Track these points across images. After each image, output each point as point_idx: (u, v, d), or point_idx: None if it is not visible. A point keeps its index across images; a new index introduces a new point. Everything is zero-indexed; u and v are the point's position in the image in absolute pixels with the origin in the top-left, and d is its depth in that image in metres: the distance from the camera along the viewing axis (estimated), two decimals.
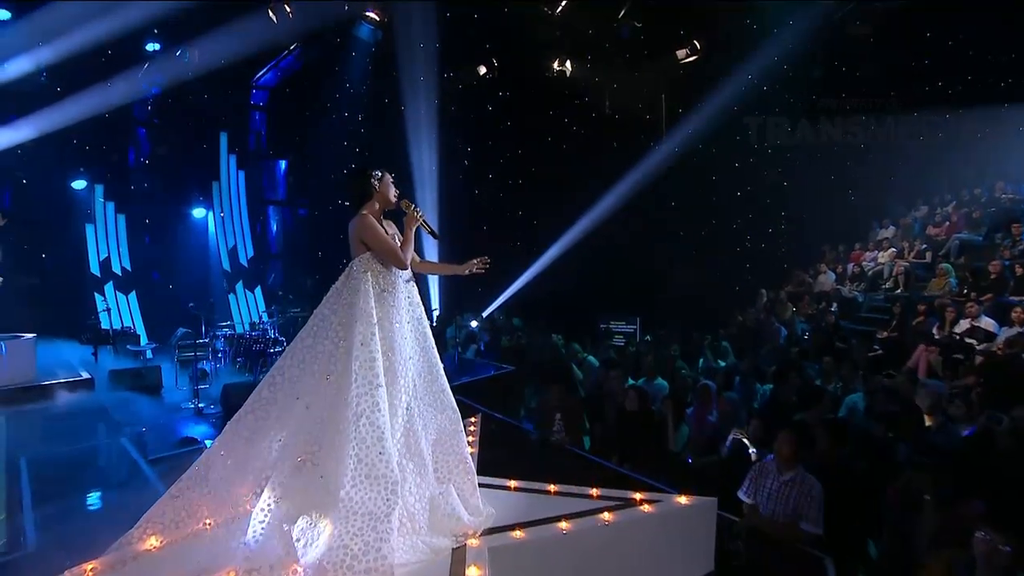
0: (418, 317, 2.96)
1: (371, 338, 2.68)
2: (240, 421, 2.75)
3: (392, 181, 2.96)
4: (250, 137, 12.11)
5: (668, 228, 11.78)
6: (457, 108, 12.32)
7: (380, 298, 2.75)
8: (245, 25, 9.11)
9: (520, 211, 12.78)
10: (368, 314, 2.66)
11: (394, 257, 2.75)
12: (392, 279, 2.80)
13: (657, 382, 6.14)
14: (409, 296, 2.93)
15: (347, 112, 12.25)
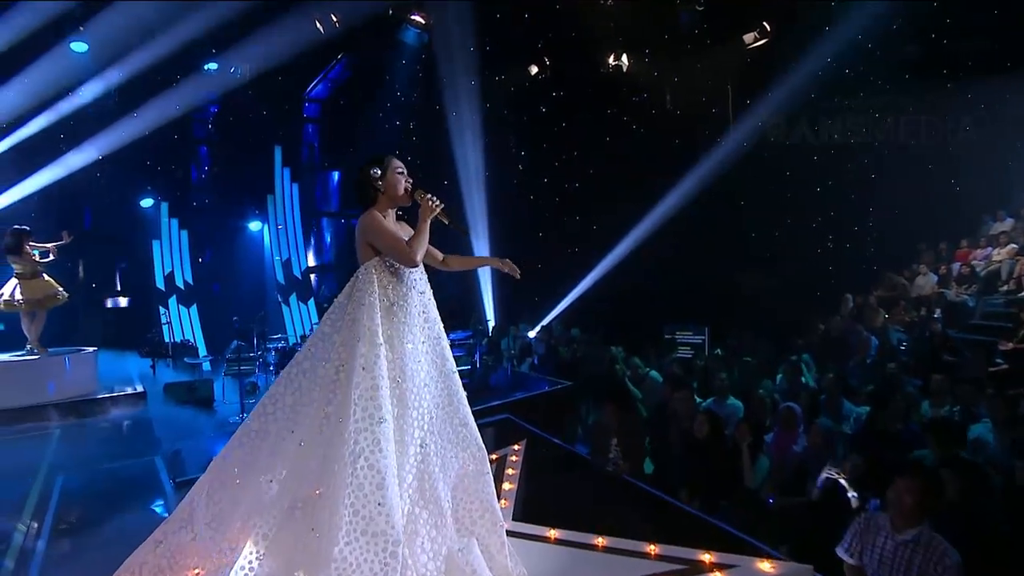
0: (435, 336, 2.52)
1: (375, 361, 2.27)
2: (228, 456, 2.39)
3: (402, 170, 2.53)
4: (303, 150, 12.31)
5: (738, 229, 10.81)
6: (509, 111, 11.97)
7: (389, 313, 2.37)
8: (293, 38, 9.16)
9: (578, 216, 12.22)
10: (373, 332, 2.28)
11: (402, 253, 2.35)
12: (404, 290, 2.42)
13: (730, 402, 5.38)
14: (425, 311, 2.50)
15: (398, 120, 12.19)
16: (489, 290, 11.80)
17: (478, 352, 8.61)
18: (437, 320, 2.56)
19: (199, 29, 8.55)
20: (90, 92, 9.09)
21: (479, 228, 10.99)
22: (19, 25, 8.10)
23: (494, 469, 3.88)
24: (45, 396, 6.32)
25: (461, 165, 11.33)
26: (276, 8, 8.62)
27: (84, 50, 8.87)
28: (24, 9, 7.99)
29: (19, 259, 6.68)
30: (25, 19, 8.08)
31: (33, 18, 8.12)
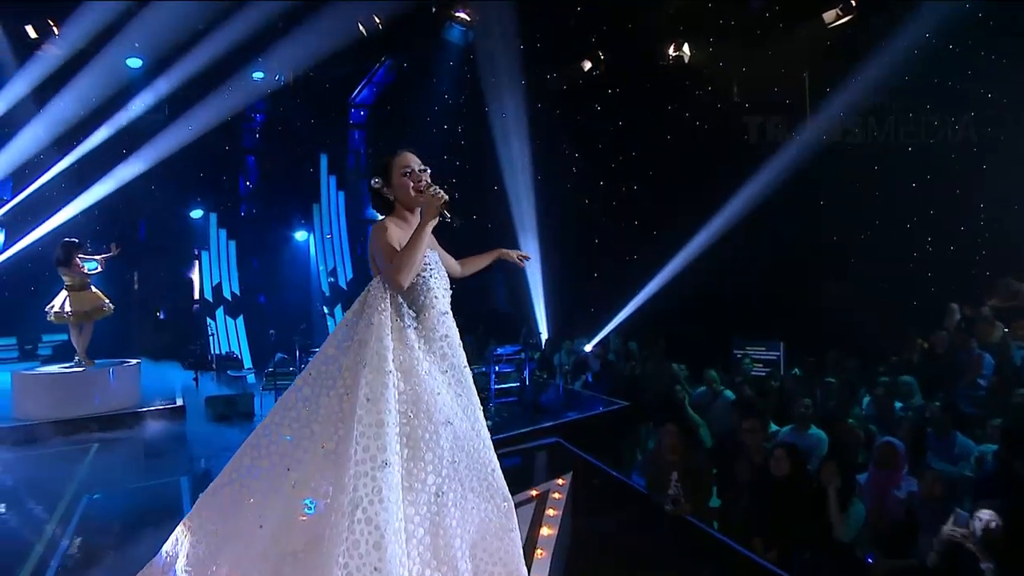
0: (459, 365, 2.26)
1: (382, 392, 2.00)
2: (216, 494, 2.17)
3: (409, 168, 2.29)
4: (349, 157, 12.48)
5: (816, 231, 9.95)
6: (562, 110, 11.64)
7: (402, 336, 2.14)
8: (336, 42, 9.25)
9: (636, 220, 11.69)
10: (381, 357, 2.05)
11: (387, 272, 2.08)
12: (421, 309, 2.19)
13: (812, 433, 4.78)
14: (447, 335, 2.26)
15: (445, 124, 12.13)
16: (541, 300, 11.48)
17: (527, 368, 8.24)
18: (459, 345, 2.29)
19: (244, 37, 8.76)
20: (142, 105, 9.49)
21: (528, 236, 10.70)
22: (78, 44, 8.55)
23: (533, 509, 3.55)
24: (88, 409, 6.52)
25: (510, 169, 11.13)
26: (317, 11, 8.69)
27: (139, 66, 9.29)
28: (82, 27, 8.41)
29: (69, 271, 6.96)
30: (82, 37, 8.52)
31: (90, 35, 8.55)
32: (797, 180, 9.65)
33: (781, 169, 9.83)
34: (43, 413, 6.41)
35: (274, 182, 11.57)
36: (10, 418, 6.42)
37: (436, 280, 2.24)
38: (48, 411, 6.42)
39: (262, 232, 11.55)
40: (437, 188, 2.18)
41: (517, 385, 8.15)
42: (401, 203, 2.29)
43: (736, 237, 9.93)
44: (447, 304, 2.28)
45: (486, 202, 11.65)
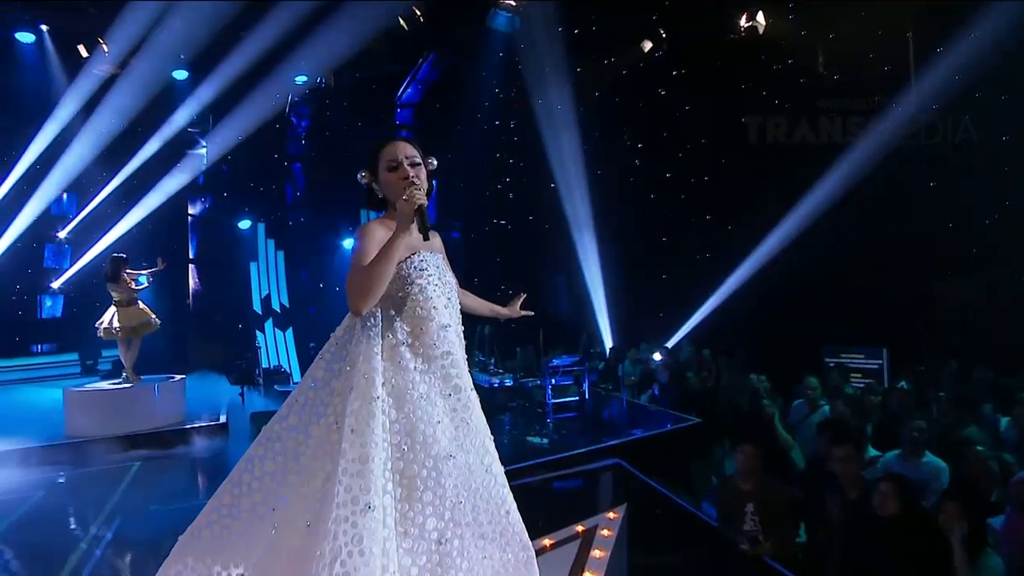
0: (464, 387, 2.03)
1: (368, 421, 1.81)
2: (195, 536, 2.03)
3: (396, 161, 2.04)
4: None
5: (925, 221, 9.00)
6: (621, 97, 11.24)
7: (394, 354, 1.93)
8: (377, 39, 9.33)
9: (709, 214, 11.11)
10: (369, 381, 1.86)
11: (346, 288, 1.85)
12: (418, 323, 1.96)
13: (926, 462, 4.18)
14: (449, 352, 2.00)
15: (496, 119, 12.03)
16: (603, 305, 11.09)
17: (587, 380, 7.94)
18: (463, 365, 2.05)
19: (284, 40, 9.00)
20: (189, 116, 9.95)
21: (585, 235, 10.39)
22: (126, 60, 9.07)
23: (577, 548, 3.26)
24: (134, 426, 6.78)
25: (565, 164, 10.84)
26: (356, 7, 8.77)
27: (184, 77, 9.75)
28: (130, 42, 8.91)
29: (117, 286, 7.29)
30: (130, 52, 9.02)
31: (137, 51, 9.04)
32: (899, 161, 8.79)
33: (879, 148, 8.97)
34: (92, 430, 6.71)
35: (321, 189, 11.77)
36: (62, 435, 6.76)
37: (437, 288, 2.02)
38: (97, 428, 6.72)
39: (310, 241, 11.77)
40: (415, 189, 1.93)
41: (576, 399, 7.90)
42: (391, 201, 2.08)
43: (828, 227, 9.13)
44: (451, 316, 2.05)
45: (541, 201, 11.43)
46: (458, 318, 2.09)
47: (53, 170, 9.50)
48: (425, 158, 2.10)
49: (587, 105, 11.04)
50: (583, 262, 10.90)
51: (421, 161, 2.08)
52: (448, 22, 9.83)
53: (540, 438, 6.98)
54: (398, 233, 1.87)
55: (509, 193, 12.49)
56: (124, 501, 5.01)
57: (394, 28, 9.45)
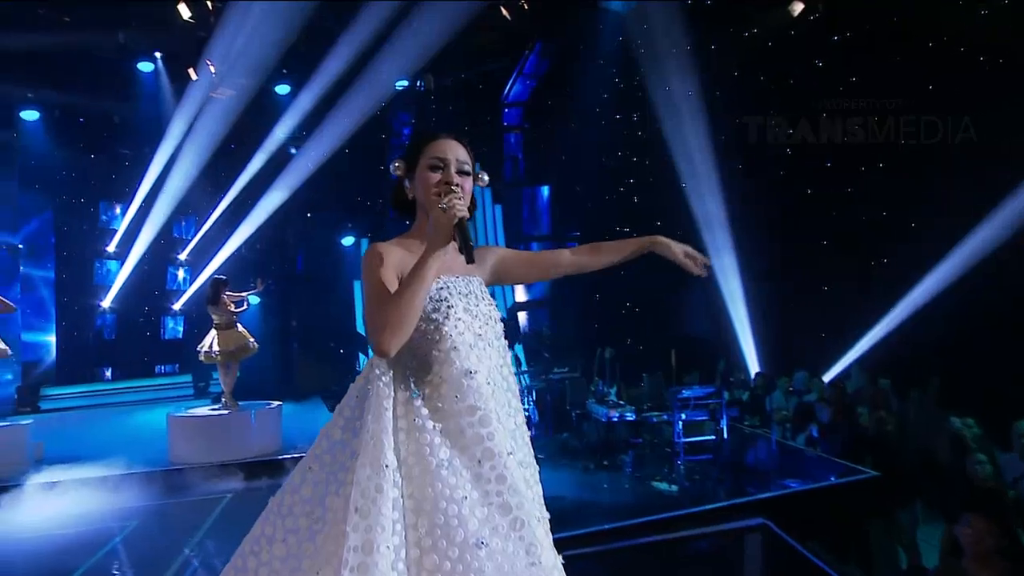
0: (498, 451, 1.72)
1: (374, 500, 1.59)
2: None
3: (441, 160, 1.85)
4: (505, 164, 12.50)
5: None
6: (766, 74, 10.29)
7: (409, 412, 1.73)
8: (479, 35, 9.29)
9: (885, 210, 9.81)
10: (377, 444, 1.66)
11: (366, 329, 1.71)
12: (438, 369, 1.76)
13: None
14: (476, 406, 1.73)
15: (617, 113, 11.57)
16: (746, 324, 10.14)
17: (725, 416, 7.19)
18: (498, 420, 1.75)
19: (382, 44, 9.24)
20: (292, 131, 10.55)
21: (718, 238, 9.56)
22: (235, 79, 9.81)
23: None
24: (230, 454, 7.07)
25: (699, 158, 10.15)
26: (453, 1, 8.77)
27: (287, 91, 10.37)
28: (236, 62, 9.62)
29: (216, 308, 7.74)
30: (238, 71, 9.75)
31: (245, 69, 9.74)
32: None
33: None
34: (192, 457, 7.11)
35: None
36: (165, 461, 7.22)
37: (461, 322, 1.79)
38: (196, 455, 7.11)
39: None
40: (454, 196, 1.71)
41: (712, 438, 7.30)
42: (421, 207, 1.88)
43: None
44: (482, 359, 1.79)
45: (670, 203, 10.75)
46: (499, 359, 1.85)
47: (170, 193, 10.47)
48: (476, 170, 1.92)
49: (723, 87, 10.28)
50: (720, 273, 10.09)
51: (471, 171, 1.89)
52: (555, 5, 9.55)
53: (668, 484, 6.53)
54: (431, 250, 1.66)
55: (633, 196, 12.01)
56: (210, 537, 5.12)
57: (496, 19, 9.35)
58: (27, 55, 9.12)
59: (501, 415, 1.78)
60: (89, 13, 8.90)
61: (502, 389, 1.83)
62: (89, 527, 5.72)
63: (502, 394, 1.82)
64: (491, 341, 1.83)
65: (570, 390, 9.23)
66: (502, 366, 1.86)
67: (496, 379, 1.81)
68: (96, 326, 11.65)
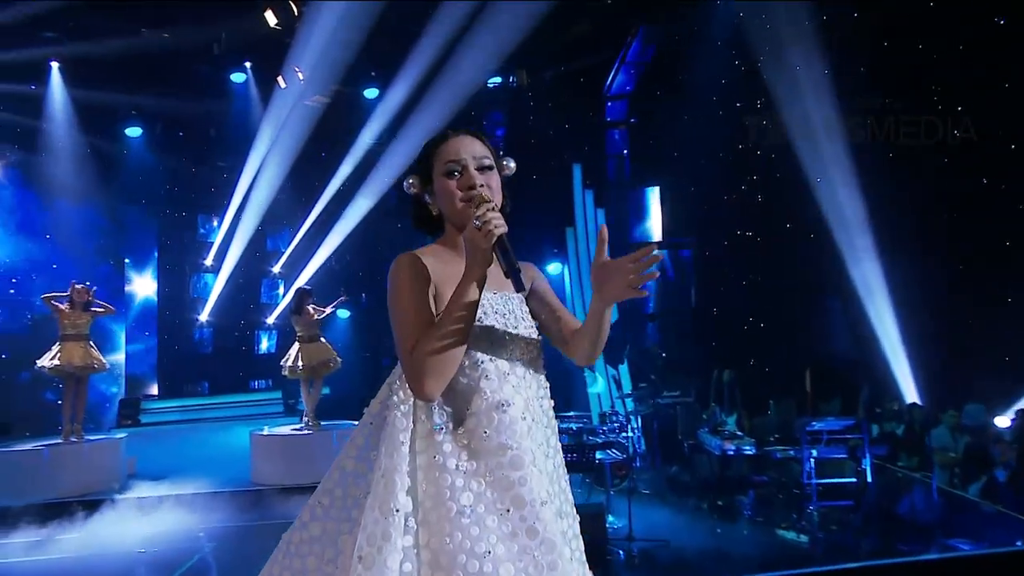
0: (531, 499, 1.63)
1: (380, 549, 1.55)
2: None
3: (459, 164, 1.77)
4: (609, 164, 12.18)
5: None
6: (927, 44, 9.35)
7: (430, 448, 1.67)
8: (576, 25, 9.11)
9: None
10: (389, 484, 1.61)
11: (403, 365, 1.66)
12: (465, 399, 1.70)
13: None
14: (508, 444, 1.65)
15: (738, 100, 10.94)
16: (898, 344, 9.18)
17: (868, 454, 6.58)
18: (531, 464, 1.65)
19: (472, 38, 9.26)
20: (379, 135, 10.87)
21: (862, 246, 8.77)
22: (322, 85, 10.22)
23: None
24: (310, 477, 7.18)
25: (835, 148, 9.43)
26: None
27: (375, 95, 10.67)
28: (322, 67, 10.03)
29: (300, 319, 7.98)
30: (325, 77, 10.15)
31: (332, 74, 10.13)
32: None
33: None
34: (273, 477, 7.34)
35: (524, 206, 11.79)
36: (247, 481, 7.48)
37: (493, 345, 1.73)
38: (277, 476, 7.32)
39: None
40: (489, 209, 1.62)
41: (854, 481, 6.79)
42: (449, 221, 1.83)
43: None
44: (517, 389, 1.71)
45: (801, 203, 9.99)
46: (538, 389, 1.79)
47: (261, 204, 11.07)
48: (499, 159, 1.84)
49: (867, 62, 9.54)
50: (861, 281, 9.24)
51: (494, 163, 1.81)
52: None
53: (796, 533, 6.12)
54: (470, 276, 1.60)
55: (757, 195, 11.36)
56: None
57: (593, 3, 9.12)
58: (130, 71, 10.01)
59: (537, 456, 1.67)
60: (185, 27, 9.61)
61: (540, 425, 1.74)
62: (169, 546, 6.00)
63: (540, 431, 1.73)
64: (530, 368, 1.76)
65: (682, 417, 8.89)
66: (542, 398, 1.78)
67: (535, 413, 1.72)
68: (194, 340, 12.51)
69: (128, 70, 9.91)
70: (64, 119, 10.60)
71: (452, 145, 1.78)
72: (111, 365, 11.47)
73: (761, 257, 11.10)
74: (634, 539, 5.62)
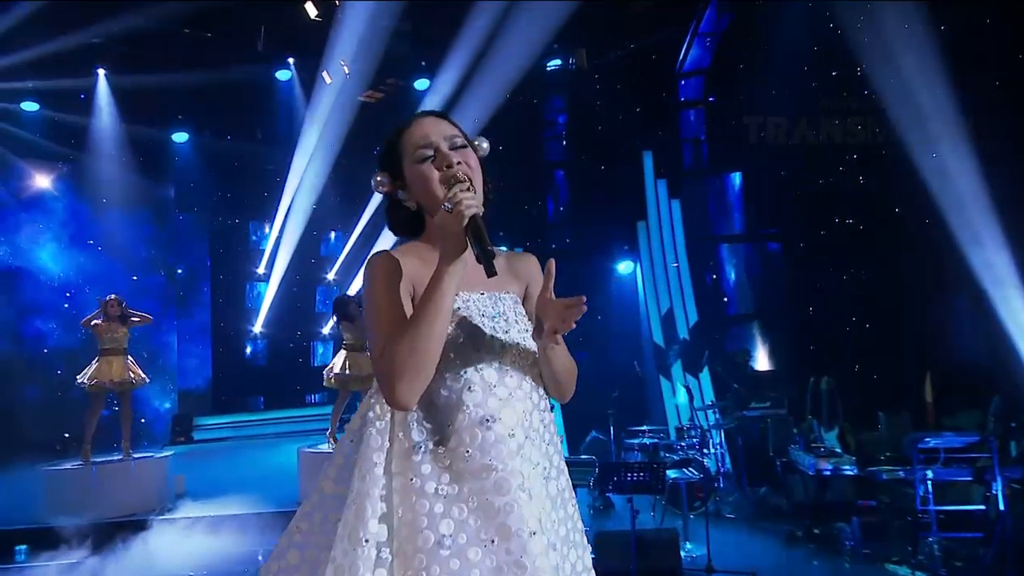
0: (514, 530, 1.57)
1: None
2: None
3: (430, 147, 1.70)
4: (684, 149, 11.77)
5: None
6: None
7: (406, 469, 1.63)
8: None
9: None
10: (359, 511, 1.58)
11: (375, 372, 1.63)
12: (446, 414, 1.67)
13: None
14: (491, 466, 1.60)
15: (833, 68, 10.41)
16: None
17: (999, 477, 5.89)
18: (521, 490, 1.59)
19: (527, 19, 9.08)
20: None
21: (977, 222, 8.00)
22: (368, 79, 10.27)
23: None
24: None
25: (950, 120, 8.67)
26: None
27: (426, 87, 10.64)
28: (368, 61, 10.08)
29: (351, 326, 7.92)
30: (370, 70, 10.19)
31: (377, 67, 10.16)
32: None
33: None
34: None
35: (591, 200, 11.63)
36: (294, 501, 7.47)
37: (480, 352, 1.69)
38: None
39: (580, 267, 11.58)
40: (462, 190, 1.57)
41: (983, 509, 6.20)
42: (429, 212, 1.76)
43: None
44: (507, 405, 1.65)
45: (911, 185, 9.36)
46: (532, 402, 1.71)
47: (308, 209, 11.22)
48: (471, 138, 1.78)
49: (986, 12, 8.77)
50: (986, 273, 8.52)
51: (466, 143, 1.75)
52: None
53: (910, 569, 5.72)
54: (444, 264, 1.54)
55: (857, 176, 10.75)
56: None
57: None
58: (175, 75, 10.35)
59: (531, 479, 1.60)
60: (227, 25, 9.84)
61: (535, 443, 1.66)
62: (212, 570, 6.03)
63: (536, 450, 1.66)
64: (525, 378, 1.70)
65: (773, 432, 8.50)
66: (538, 411, 1.70)
67: (529, 429, 1.65)
68: (248, 353, 12.79)
69: (173, 74, 10.23)
70: (112, 127, 11.05)
71: (418, 129, 1.72)
72: (164, 380, 11.90)
73: (865, 248, 10.64)
74: (714, 570, 5.38)
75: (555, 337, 1.64)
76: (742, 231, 12.20)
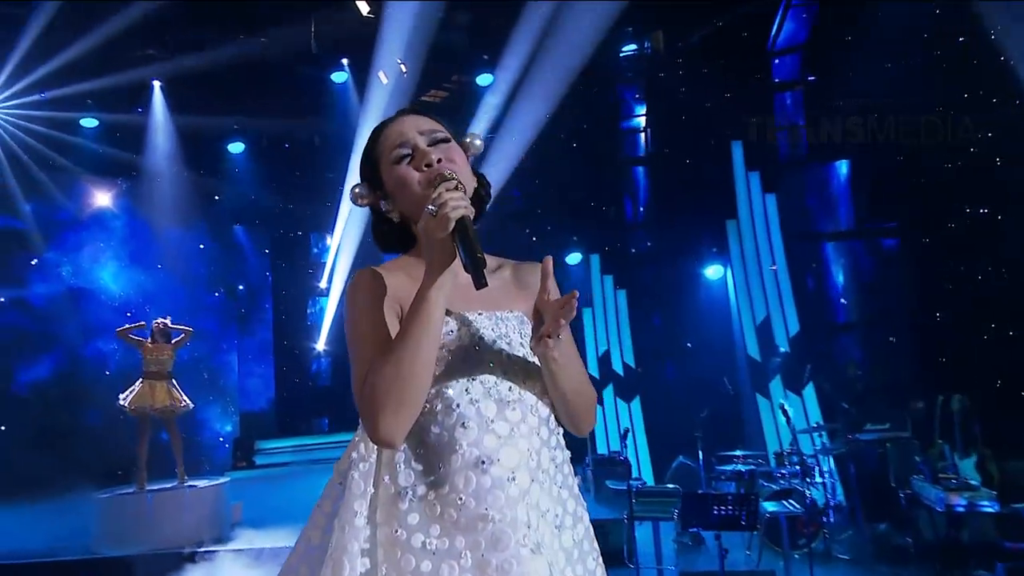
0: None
1: None
2: None
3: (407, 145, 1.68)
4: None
5: None
6: None
7: (391, 517, 1.57)
8: None
9: None
10: (336, 568, 1.52)
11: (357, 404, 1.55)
12: (437, 455, 1.59)
13: None
14: (487, 515, 1.52)
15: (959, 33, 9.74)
16: None
17: None
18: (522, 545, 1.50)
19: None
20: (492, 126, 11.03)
21: None
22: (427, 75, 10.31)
23: None
24: None
25: None
26: None
27: (489, 82, 10.59)
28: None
29: None
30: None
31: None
32: None
33: None
34: None
35: (675, 199, 11.37)
36: None
37: (474, 382, 1.61)
38: None
39: (663, 274, 11.39)
40: (447, 189, 1.50)
41: None
42: (414, 221, 1.71)
43: None
44: (507, 443, 1.58)
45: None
46: (540, 439, 1.64)
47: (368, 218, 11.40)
48: (457, 133, 1.78)
49: None
50: None
51: (450, 137, 1.73)
52: None
53: None
54: (431, 277, 1.50)
55: (993, 158, 10.09)
56: None
57: None
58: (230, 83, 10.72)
59: (540, 529, 1.54)
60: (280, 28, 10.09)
61: (544, 487, 1.59)
62: None
63: (546, 495, 1.59)
64: (531, 411, 1.62)
65: (894, 459, 8.05)
66: (548, 449, 1.63)
67: (532, 471, 1.57)
68: (311, 372, 12.97)
69: (227, 82, 10.59)
70: (168, 141, 11.51)
71: (393, 129, 1.71)
72: (225, 401, 12.20)
73: (1004, 242, 10.00)
74: None
75: (548, 343, 1.52)
76: (850, 227, 11.65)
